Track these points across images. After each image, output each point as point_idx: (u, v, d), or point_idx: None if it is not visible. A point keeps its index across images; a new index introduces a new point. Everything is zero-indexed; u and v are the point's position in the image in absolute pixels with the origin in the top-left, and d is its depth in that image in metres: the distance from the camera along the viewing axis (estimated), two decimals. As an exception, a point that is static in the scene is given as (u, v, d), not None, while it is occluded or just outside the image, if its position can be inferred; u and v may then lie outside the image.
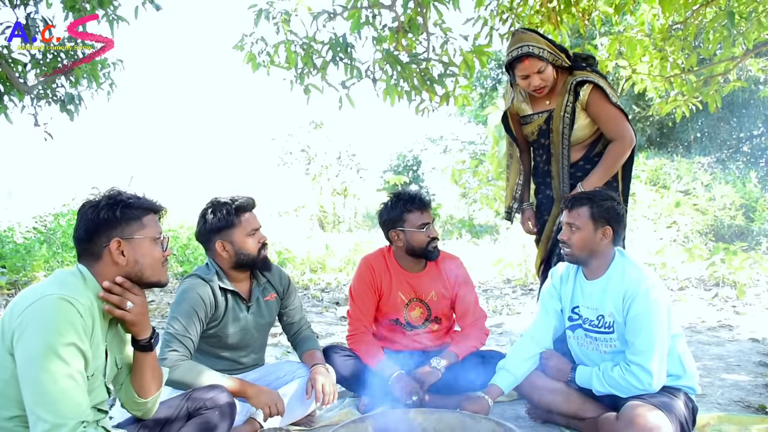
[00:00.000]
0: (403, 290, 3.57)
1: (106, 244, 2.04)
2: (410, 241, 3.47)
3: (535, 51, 3.60)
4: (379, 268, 3.58)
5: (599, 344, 2.99)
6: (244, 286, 3.16)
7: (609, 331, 2.93)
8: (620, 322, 2.87)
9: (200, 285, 2.96)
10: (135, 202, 2.11)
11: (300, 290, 9.21)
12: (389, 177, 23.78)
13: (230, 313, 3.06)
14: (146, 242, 2.09)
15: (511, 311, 7.32)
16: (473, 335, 3.54)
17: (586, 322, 3.02)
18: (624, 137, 3.66)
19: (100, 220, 2.04)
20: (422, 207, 3.50)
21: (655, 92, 7.03)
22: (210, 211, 3.04)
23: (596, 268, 2.99)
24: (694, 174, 14.66)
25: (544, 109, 3.82)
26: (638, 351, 2.77)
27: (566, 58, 3.75)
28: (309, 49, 5.03)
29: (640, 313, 2.77)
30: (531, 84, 3.68)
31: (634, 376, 2.76)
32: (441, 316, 3.62)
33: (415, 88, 5.26)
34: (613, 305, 2.89)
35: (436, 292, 3.59)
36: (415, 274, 3.60)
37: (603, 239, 2.92)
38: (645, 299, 2.77)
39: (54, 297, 1.85)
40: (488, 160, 14.95)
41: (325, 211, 21.84)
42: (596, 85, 3.68)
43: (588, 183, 3.67)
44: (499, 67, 22.93)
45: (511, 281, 10.22)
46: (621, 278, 2.89)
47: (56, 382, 1.78)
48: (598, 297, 2.96)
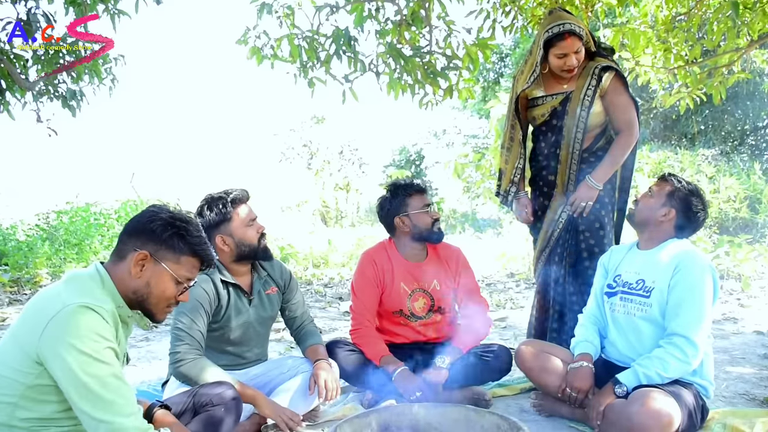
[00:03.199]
0: (405, 281, 3.58)
1: (136, 250, 1.99)
2: (416, 224, 3.52)
3: (577, 30, 3.60)
4: (381, 260, 3.59)
5: (633, 307, 3.01)
6: (245, 280, 3.17)
7: (645, 295, 2.95)
8: (662, 289, 2.88)
9: (202, 279, 2.96)
10: (190, 238, 2.05)
11: (303, 286, 9.21)
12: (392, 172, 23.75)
13: (233, 306, 3.06)
14: (168, 276, 2.03)
15: (515, 305, 7.33)
16: (476, 326, 3.55)
17: (626, 285, 3.06)
18: (632, 129, 3.70)
19: (148, 227, 2.01)
20: (421, 190, 3.58)
21: (658, 84, 7.00)
22: (206, 208, 3.05)
23: (650, 239, 3.05)
24: (698, 166, 14.63)
25: (560, 92, 3.81)
26: (685, 322, 2.77)
27: (593, 43, 3.78)
28: (312, 42, 5.02)
29: (694, 285, 2.80)
30: (567, 63, 3.67)
31: (678, 348, 2.75)
32: (444, 306, 3.63)
33: (419, 82, 5.25)
34: (660, 272, 2.92)
35: (439, 282, 3.60)
36: (417, 264, 3.62)
37: (664, 217, 2.99)
38: (701, 272, 2.81)
39: (76, 306, 1.82)
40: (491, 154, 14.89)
41: (327, 206, 21.86)
42: (618, 72, 3.72)
43: (597, 174, 3.68)
44: (501, 60, 22.88)
45: (514, 275, 10.22)
46: (676, 251, 2.94)
47: (105, 384, 1.79)
48: (646, 263, 3.01)
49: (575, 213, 3.73)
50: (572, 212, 3.74)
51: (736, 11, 4.74)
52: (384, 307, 3.60)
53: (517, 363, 3.35)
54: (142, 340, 5.50)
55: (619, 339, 3.08)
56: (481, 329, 3.56)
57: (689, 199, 2.97)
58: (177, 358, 2.79)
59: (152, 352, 5.06)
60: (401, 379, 3.25)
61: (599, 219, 3.76)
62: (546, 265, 3.92)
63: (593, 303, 3.28)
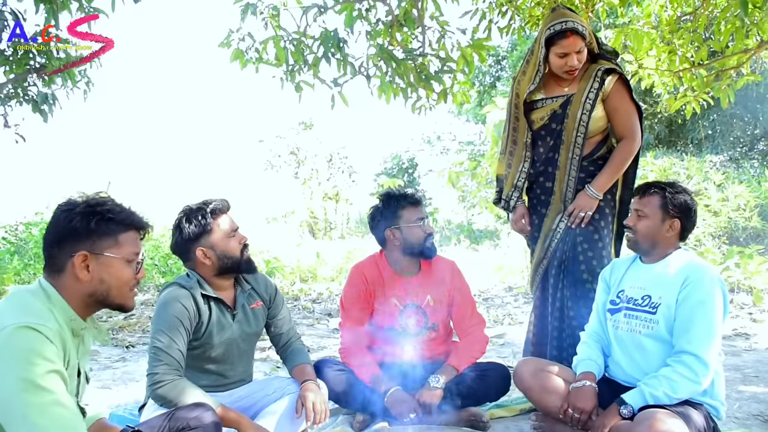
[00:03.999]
0: (397, 296, 3.56)
1: (72, 256, 1.94)
2: (408, 238, 3.50)
3: (579, 29, 3.61)
4: (371, 274, 3.58)
5: (637, 324, 2.99)
6: (228, 294, 3.14)
7: (651, 312, 2.94)
8: (669, 305, 2.87)
9: (182, 293, 2.94)
10: (115, 215, 2.01)
11: (290, 301, 9.19)
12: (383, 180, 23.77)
13: (215, 322, 3.04)
14: (117, 262, 2.00)
15: (513, 321, 7.32)
16: (472, 344, 3.54)
17: (630, 301, 3.04)
18: (635, 137, 3.71)
19: (70, 228, 1.95)
20: (415, 202, 3.56)
21: (663, 88, 7.03)
22: (185, 220, 3.03)
23: (655, 255, 3.04)
24: (706, 173, 14.66)
25: (560, 94, 3.82)
26: (693, 339, 2.76)
27: (596, 45, 3.80)
28: (299, 44, 5.03)
29: (703, 300, 2.78)
30: (568, 63, 3.67)
31: (687, 367, 2.73)
32: (438, 322, 3.61)
33: (411, 85, 5.26)
34: (667, 287, 2.90)
35: (432, 297, 3.59)
36: (410, 279, 3.60)
37: (669, 231, 2.97)
38: (711, 287, 2.80)
39: (15, 328, 1.76)
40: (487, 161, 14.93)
41: (315, 217, 21.84)
42: (622, 76, 3.73)
43: (597, 184, 3.68)
44: (497, 62, 22.96)
45: (512, 289, 10.22)
46: (683, 264, 2.92)
47: (44, 413, 1.71)
48: (651, 278, 3.00)
49: (573, 224, 3.74)
50: (570, 223, 3.75)
51: (744, 10, 4.75)
52: (375, 323, 3.59)
53: (515, 382, 3.33)
54: (118, 360, 5.47)
55: (623, 358, 3.07)
56: (478, 347, 3.55)
57: (680, 197, 2.96)
58: (155, 380, 2.77)
59: (129, 373, 5.03)
60: (394, 400, 3.23)
61: (598, 230, 3.76)
62: (544, 278, 3.91)
63: (595, 320, 3.27)
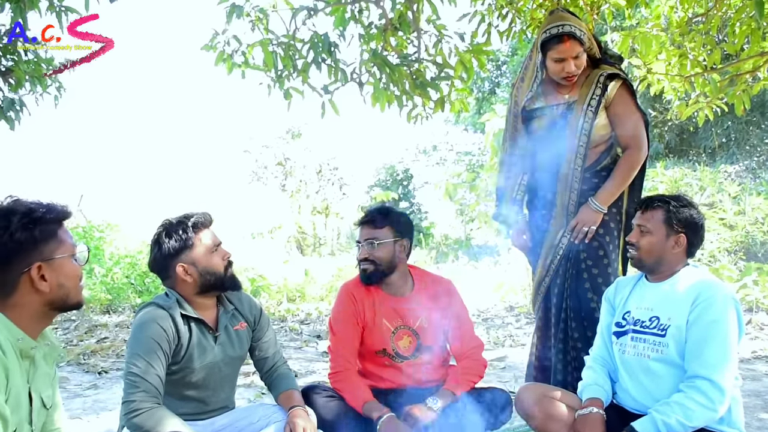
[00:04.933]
0: (388, 317, 3.55)
1: (25, 271, 1.92)
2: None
3: (577, 33, 3.63)
4: (360, 294, 3.58)
5: (646, 348, 2.96)
6: (210, 314, 3.12)
7: (660, 334, 2.91)
8: (680, 326, 2.84)
9: (160, 314, 2.91)
10: (48, 214, 1.99)
11: (276, 322, 9.17)
12: (376, 193, 23.83)
13: (195, 344, 3.01)
14: (67, 261, 2.00)
15: (515, 342, 7.32)
16: (470, 368, 3.54)
17: (637, 323, 3.01)
18: (641, 146, 3.72)
19: (15, 245, 1.92)
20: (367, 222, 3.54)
21: (673, 93, 7.04)
22: (164, 234, 3.01)
23: (661, 272, 3.02)
24: (720, 185, 14.72)
25: (561, 102, 3.83)
26: (707, 363, 2.72)
27: (598, 49, 3.81)
28: (288, 48, 5.04)
29: (716, 320, 2.75)
30: (565, 69, 3.68)
31: (702, 393, 2.70)
32: (433, 345, 3.60)
33: (406, 93, 5.28)
34: (676, 308, 2.88)
35: (426, 318, 3.57)
36: (402, 298, 3.59)
37: (675, 248, 2.95)
38: (723, 305, 2.77)
39: None
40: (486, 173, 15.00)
41: (304, 232, 21.84)
42: (626, 81, 3.74)
43: (601, 196, 3.69)
44: (497, 68, 23.07)
45: (514, 308, 10.23)
46: (692, 282, 2.90)
47: None
48: (658, 298, 2.98)
49: (576, 239, 3.74)
50: (573, 238, 3.75)
51: (760, 11, 4.75)
52: (365, 346, 3.58)
53: (517, 409, 3.32)
54: (90, 388, 5.44)
55: (631, 383, 3.05)
56: (476, 371, 3.55)
57: (685, 211, 2.95)
58: (131, 408, 2.75)
59: (101, 401, 5.00)
60: (387, 428, 3.22)
61: (603, 246, 3.75)
62: (546, 297, 3.92)
63: (600, 343, 3.25)
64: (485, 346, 6.40)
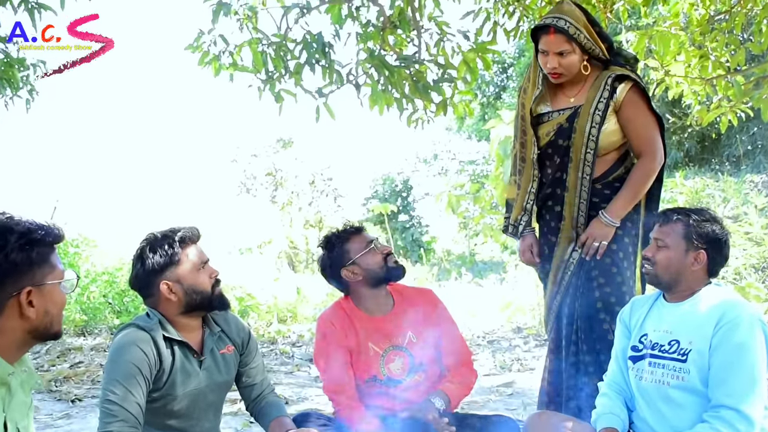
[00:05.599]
0: (374, 340, 3.54)
1: (14, 295, 1.91)
2: (368, 267, 3.51)
3: (567, 28, 3.61)
4: (341, 323, 3.57)
5: (665, 374, 2.91)
6: (194, 337, 3.10)
7: (681, 360, 2.86)
8: (702, 351, 2.79)
9: (140, 336, 2.89)
10: (46, 236, 1.99)
11: (266, 345, 9.15)
12: (373, 205, 23.84)
13: (179, 369, 2.99)
14: (56, 287, 2.00)
15: (524, 367, 7.30)
16: (463, 375, 3.58)
17: (656, 347, 2.96)
18: (656, 153, 3.69)
19: (10, 265, 1.90)
20: (357, 231, 3.62)
21: (694, 98, 7.03)
22: (148, 249, 2.99)
23: (680, 291, 2.98)
24: (745, 195, 14.70)
25: (567, 106, 3.82)
26: (733, 391, 2.68)
27: (606, 50, 3.78)
28: (280, 49, 5.04)
29: (742, 344, 2.71)
30: (547, 64, 3.69)
31: (727, 423, 2.65)
32: (426, 361, 3.59)
33: (406, 96, 5.27)
34: (697, 331, 2.83)
35: (414, 333, 3.57)
36: (385, 317, 3.59)
37: (694, 264, 2.90)
38: (750, 327, 2.73)
39: None
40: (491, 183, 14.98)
41: (295, 247, 21.85)
42: (636, 83, 3.71)
43: (613, 209, 3.66)
44: (503, 71, 23.14)
45: (522, 330, 10.21)
46: (715, 302, 2.85)
47: None
48: (678, 320, 2.93)
49: (587, 255, 3.71)
50: (584, 254, 3.72)
51: (788, 8, 4.77)
52: (354, 375, 3.56)
53: (525, 439, 3.31)
54: (62, 417, 5.41)
55: (649, 413, 3.01)
56: (468, 378, 3.60)
57: (707, 226, 2.91)
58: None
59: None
60: None
61: (616, 263, 3.72)
62: (557, 317, 3.89)
63: (615, 368, 3.21)
64: (491, 370, 6.37)
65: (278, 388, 6.06)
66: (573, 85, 3.84)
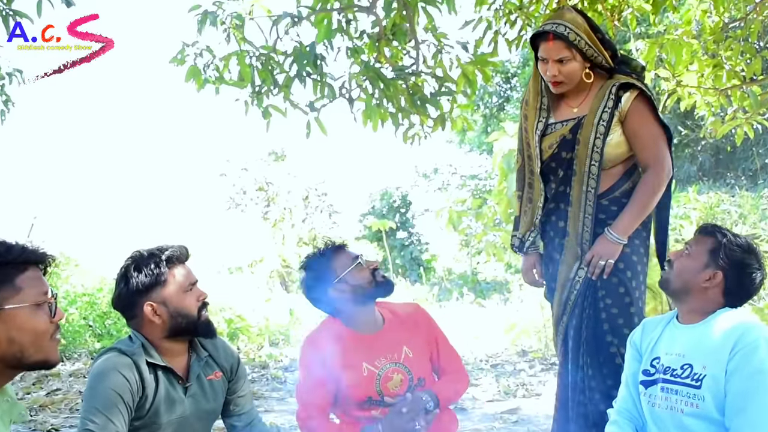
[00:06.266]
0: (368, 359, 3.54)
1: None
2: (355, 284, 3.51)
3: (567, 35, 3.63)
4: (327, 344, 3.55)
5: (678, 401, 2.89)
6: (179, 362, 3.10)
7: (695, 385, 2.83)
8: (717, 377, 2.77)
9: (122, 362, 2.89)
10: (9, 255, 1.97)
11: (256, 369, 9.14)
12: (371, 222, 23.80)
13: (163, 396, 2.98)
14: (24, 312, 1.95)
15: (529, 392, 7.29)
16: (455, 379, 3.64)
17: (668, 372, 2.95)
18: (663, 165, 3.68)
19: None
20: (340, 248, 3.63)
21: (707, 109, 7.02)
22: (133, 268, 2.99)
23: (693, 311, 2.98)
24: (763, 212, 14.69)
25: (570, 117, 3.83)
26: (752, 421, 2.66)
27: (611, 57, 3.79)
28: (268, 61, 5.06)
29: (761, 370, 2.68)
30: (547, 72, 3.70)
31: None
32: (423, 376, 3.60)
33: (402, 110, 5.29)
34: (712, 355, 2.81)
35: (409, 347, 3.59)
36: (376, 335, 3.60)
37: (708, 283, 2.90)
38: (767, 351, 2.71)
39: None
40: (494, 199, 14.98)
41: (288, 265, 21.80)
42: (642, 92, 3.70)
43: (620, 225, 3.64)
44: (506, 81, 23.20)
45: (527, 353, 10.19)
46: (730, 325, 2.84)
47: None
48: (691, 342, 2.92)
49: (593, 274, 3.69)
50: (590, 273, 3.70)
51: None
52: (348, 399, 3.56)
53: (531, 469, 3.32)
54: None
55: None
56: (459, 381, 3.65)
57: (739, 256, 2.90)
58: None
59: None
60: None
61: (624, 283, 3.70)
62: (564, 340, 3.89)
63: (626, 394, 3.20)
64: (495, 396, 6.36)
65: (270, 415, 6.05)
66: (576, 95, 3.85)
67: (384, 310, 3.69)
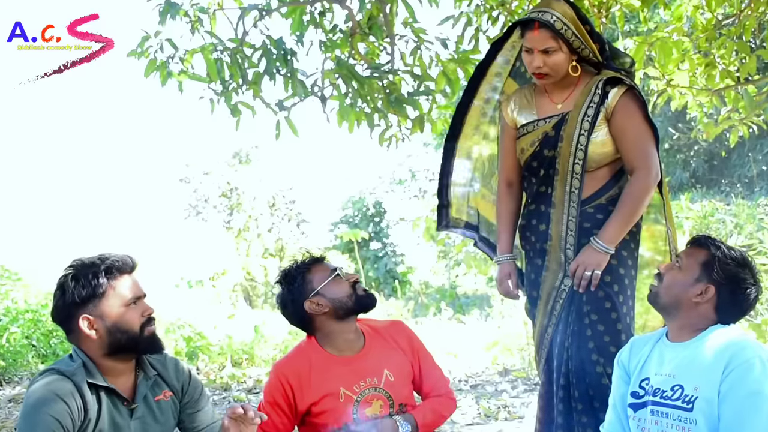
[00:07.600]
0: (346, 384, 3.50)
1: None
2: (334, 297, 3.49)
3: (553, 23, 3.61)
4: (299, 370, 3.54)
5: (669, 424, 2.88)
6: (124, 382, 3.03)
7: (686, 408, 2.82)
8: (710, 399, 2.77)
9: (61, 386, 2.82)
10: None
11: (218, 392, 9.08)
12: (342, 231, 23.79)
13: (106, 420, 2.91)
14: None
15: (511, 415, 7.29)
16: (440, 402, 3.62)
17: (657, 393, 2.94)
18: (650, 167, 3.66)
19: None
20: (318, 260, 3.61)
21: (699, 110, 7.04)
22: (71, 277, 2.91)
23: (683, 327, 2.97)
24: (760, 221, 14.75)
25: (554, 114, 3.81)
26: None
27: (599, 51, 3.78)
28: (236, 55, 5.05)
29: (756, 392, 2.68)
30: (532, 62, 3.68)
31: None
32: (405, 401, 3.57)
33: (378, 110, 5.29)
34: (703, 375, 2.80)
35: (391, 371, 3.56)
36: (356, 356, 3.57)
37: (699, 297, 2.89)
38: (764, 373, 2.70)
39: None
40: (477, 206, 15.04)
41: (253, 279, 21.75)
42: (630, 88, 3.70)
43: (606, 234, 3.61)
44: (488, 79, 23.28)
45: (509, 372, 10.19)
46: (722, 343, 2.83)
47: None
48: (681, 362, 2.91)
49: (578, 287, 3.65)
50: (575, 285, 3.67)
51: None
52: (319, 426, 3.53)
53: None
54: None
55: None
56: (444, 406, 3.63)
57: (733, 270, 2.89)
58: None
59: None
60: None
61: (610, 297, 3.67)
62: (548, 357, 3.84)
63: (613, 418, 3.20)
64: (475, 419, 6.38)
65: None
66: (561, 91, 3.82)
67: (366, 328, 3.67)
